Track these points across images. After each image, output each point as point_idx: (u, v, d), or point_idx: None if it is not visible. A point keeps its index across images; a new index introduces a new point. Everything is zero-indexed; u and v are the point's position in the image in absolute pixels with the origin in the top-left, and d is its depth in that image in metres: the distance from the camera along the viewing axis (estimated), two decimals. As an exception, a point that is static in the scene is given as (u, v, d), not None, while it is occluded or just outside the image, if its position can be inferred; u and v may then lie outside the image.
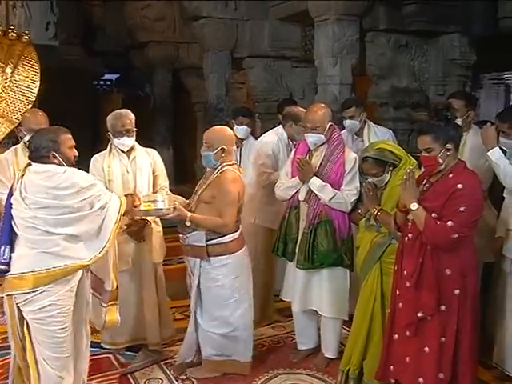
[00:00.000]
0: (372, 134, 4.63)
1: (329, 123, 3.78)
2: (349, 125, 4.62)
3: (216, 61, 7.87)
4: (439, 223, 2.85)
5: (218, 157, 3.61)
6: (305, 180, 3.76)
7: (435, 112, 4.79)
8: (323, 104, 4.01)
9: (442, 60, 6.37)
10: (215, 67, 7.90)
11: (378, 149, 3.43)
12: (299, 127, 4.32)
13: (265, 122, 7.73)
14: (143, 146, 4.09)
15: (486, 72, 11.20)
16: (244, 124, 4.93)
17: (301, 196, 3.81)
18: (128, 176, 3.90)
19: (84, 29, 10.56)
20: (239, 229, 3.71)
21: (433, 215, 2.89)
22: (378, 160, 3.39)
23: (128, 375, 3.85)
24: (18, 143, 4.21)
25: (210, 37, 7.69)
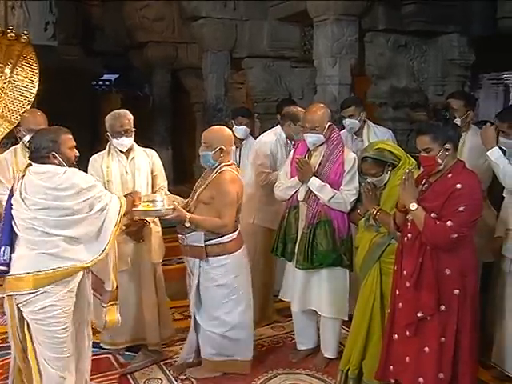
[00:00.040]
0: (372, 134, 4.63)
1: (328, 123, 3.78)
2: (348, 124, 4.62)
3: (215, 61, 7.87)
4: (439, 223, 2.85)
5: (217, 157, 3.61)
6: (304, 180, 3.76)
7: (434, 112, 4.82)
8: (322, 104, 4.01)
9: (441, 60, 6.37)
10: (214, 67, 7.90)
11: (378, 149, 3.43)
12: (298, 127, 4.32)
13: (264, 122, 7.74)
14: (142, 147, 4.09)
15: (485, 72, 11.22)
16: (243, 124, 4.94)
17: (300, 196, 3.81)
18: (127, 176, 3.90)
19: (83, 29, 10.54)
20: (238, 229, 3.71)
21: (432, 215, 2.89)
22: (378, 160, 3.39)
23: (127, 375, 3.85)
24: (18, 143, 4.20)
25: (209, 37, 7.69)
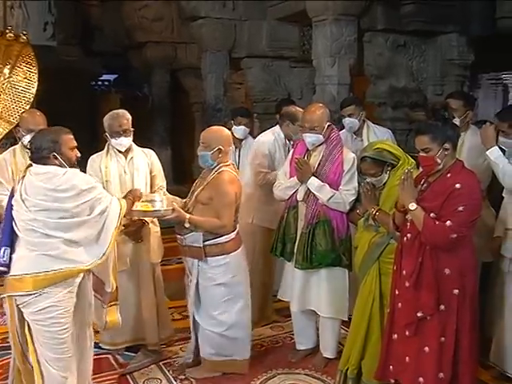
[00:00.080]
0: (371, 134, 4.64)
1: (327, 123, 3.79)
2: (348, 123, 4.63)
3: (214, 61, 7.86)
4: (438, 223, 2.85)
5: (215, 157, 3.61)
6: (303, 180, 3.76)
7: (432, 112, 4.82)
8: (321, 104, 4.02)
9: (440, 60, 6.37)
10: (213, 67, 7.89)
11: (377, 149, 3.43)
12: (296, 127, 4.32)
13: (263, 122, 7.72)
14: (141, 147, 4.09)
15: (484, 72, 11.21)
16: (242, 124, 4.94)
17: (299, 196, 3.81)
18: (125, 177, 3.89)
19: (82, 29, 10.52)
20: (236, 229, 3.71)
21: (431, 215, 2.89)
22: (377, 160, 3.40)
23: (127, 375, 3.85)
24: (17, 144, 4.20)
25: (208, 37, 7.68)
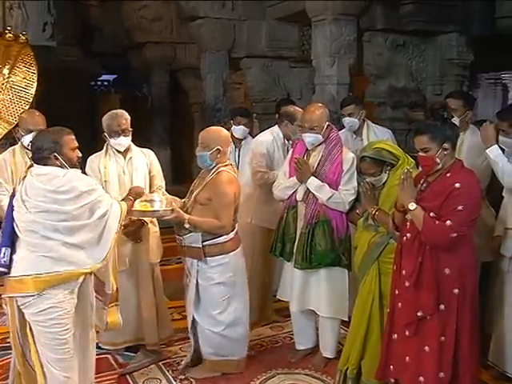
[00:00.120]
0: (371, 134, 4.64)
1: (326, 123, 3.79)
2: (348, 122, 4.63)
3: (213, 61, 7.86)
4: (438, 223, 2.85)
5: (214, 157, 3.61)
6: (302, 180, 3.76)
7: (431, 112, 4.82)
8: (321, 104, 4.02)
9: (440, 60, 6.36)
10: (212, 67, 7.88)
11: (376, 148, 3.43)
12: (295, 127, 4.32)
13: (262, 122, 7.71)
14: (141, 147, 4.09)
15: (484, 72, 11.22)
16: (242, 124, 4.94)
17: (299, 196, 3.81)
18: (124, 177, 3.89)
19: (81, 29, 10.51)
20: (235, 228, 3.72)
21: (431, 215, 2.89)
22: (376, 160, 3.39)
23: (127, 375, 3.86)
24: (16, 144, 4.20)
25: (208, 37, 7.67)
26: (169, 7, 9.84)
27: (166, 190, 4.03)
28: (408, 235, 3.04)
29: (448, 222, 2.82)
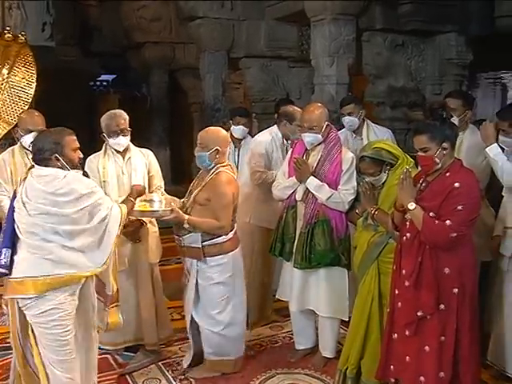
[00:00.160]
0: (371, 133, 4.64)
1: (326, 123, 3.79)
2: (348, 121, 4.63)
3: (212, 61, 7.85)
4: (437, 222, 2.85)
5: (213, 158, 3.61)
6: (302, 180, 3.76)
7: (430, 111, 4.82)
8: (320, 104, 4.02)
9: (439, 59, 6.36)
10: (212, 67, 7.88)
11: (375, 148, 3.43)
12: (294, 126, 4.32)
13: (262, 122, 7.72)
14: (140, 147, 4.09)
15: (483, 71, 11.24)
16: (241, 124, 4.94)
17: (298, 196, 3.81)
18: (123, 177, 3.89)
19: (80, 29, 10.51)
20: (234, 228, 3.72)
21: (430, 214, 2.89)
22: (375, 159, 3.40)
23: (126, 375, 3.86)
24: (15, 144, 4.19)
25: (207, 37, 7.67)
26: (168, 7, 9.83)
27: (165, 190, 4.03)
28: (408, 235, 3.04)
29: (447, 222, 2.82)
